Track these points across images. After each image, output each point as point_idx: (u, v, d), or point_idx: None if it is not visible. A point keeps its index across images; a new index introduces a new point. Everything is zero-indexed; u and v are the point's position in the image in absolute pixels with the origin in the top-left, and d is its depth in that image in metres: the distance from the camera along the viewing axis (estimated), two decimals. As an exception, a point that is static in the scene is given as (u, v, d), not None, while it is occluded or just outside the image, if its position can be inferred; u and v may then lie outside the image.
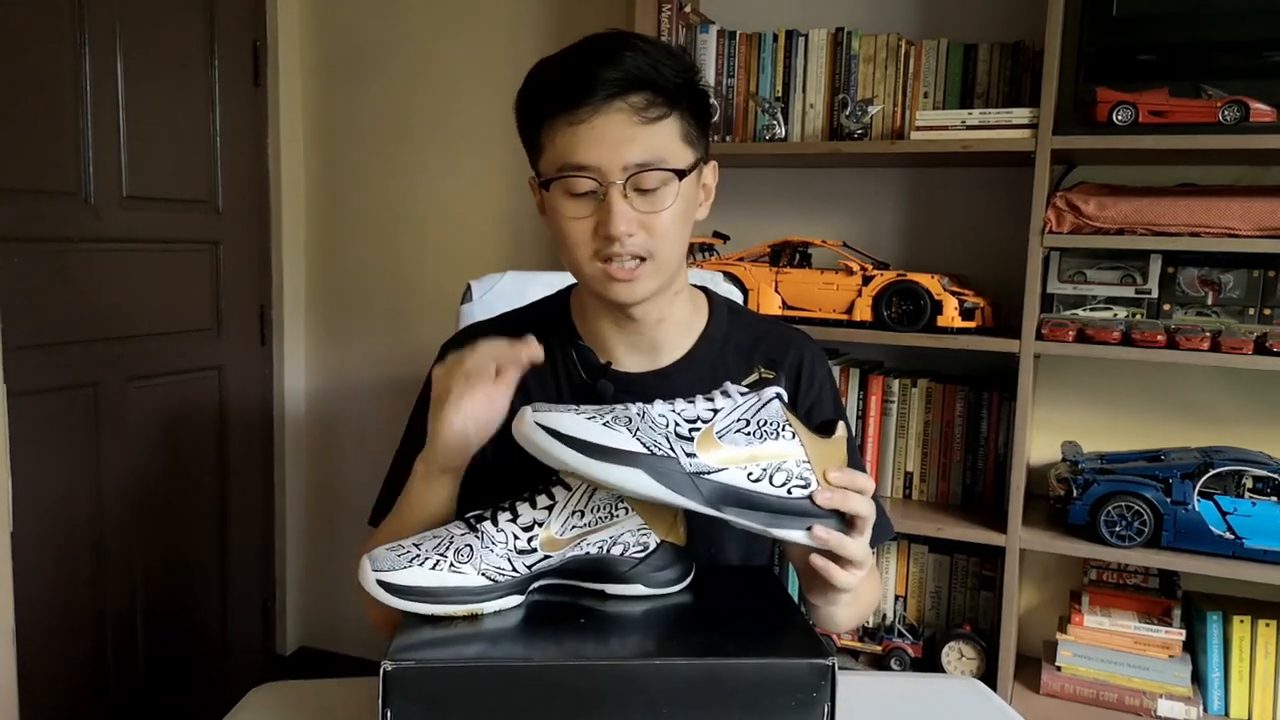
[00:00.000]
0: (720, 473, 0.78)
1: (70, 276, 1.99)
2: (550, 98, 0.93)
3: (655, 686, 0.72)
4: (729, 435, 0.79)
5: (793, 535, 0.82)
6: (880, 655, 1.90)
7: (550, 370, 1.05)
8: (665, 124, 0.93)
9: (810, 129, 1.95)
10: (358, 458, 2.61)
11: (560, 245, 0.97)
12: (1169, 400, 1.89)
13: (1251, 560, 1.61)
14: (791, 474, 0.81)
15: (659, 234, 0.94)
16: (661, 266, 0.96)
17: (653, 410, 0.79)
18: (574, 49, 0.95)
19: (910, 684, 1.13)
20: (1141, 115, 1.59)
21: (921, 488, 1.93)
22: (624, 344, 1.04)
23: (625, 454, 0.75)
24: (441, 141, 2.43)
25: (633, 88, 0.91)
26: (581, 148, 0.91)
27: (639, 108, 0.91)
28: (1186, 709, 1.69)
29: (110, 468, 2.10)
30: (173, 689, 2.29)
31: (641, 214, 0.93)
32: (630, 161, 0.91)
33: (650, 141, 0.92)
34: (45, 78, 1.91)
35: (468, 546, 0.81)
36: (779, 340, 1.10)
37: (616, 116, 0.91)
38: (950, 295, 1.74)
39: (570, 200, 0.94)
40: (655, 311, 1.01)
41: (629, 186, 0.91)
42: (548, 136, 0.94)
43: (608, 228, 0.91)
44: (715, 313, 1.09)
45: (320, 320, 2.63)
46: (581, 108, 0.90)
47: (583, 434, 0.75)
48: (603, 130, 0.90)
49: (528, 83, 0.97)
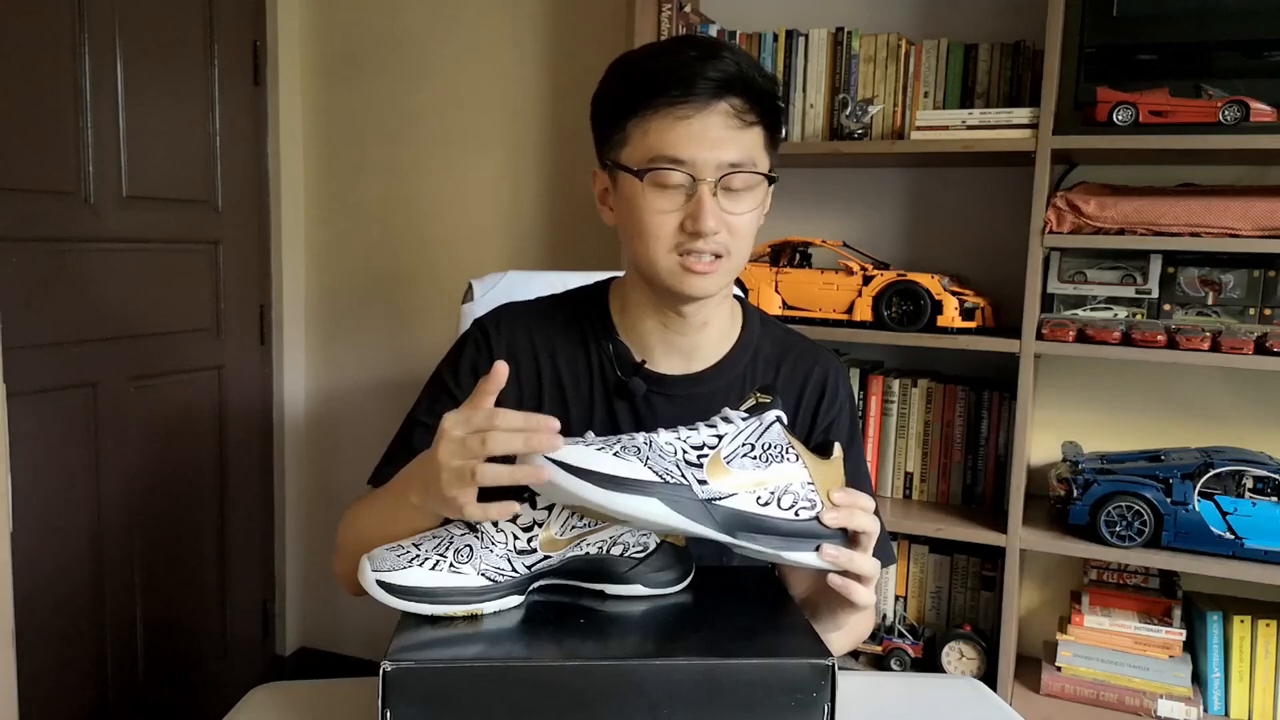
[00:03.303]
0: (731, 498, 0.78)
1: (70, 276, 1.99)
2: (651, 89, 0.93)
3: (655, 686, 0.72)
4: (736, 461, 0.80)
5: (804, 558, 0.82)
6: (880, 655, 1.90)
7: (584, 364, 1.06)
8: (755, 130, 0.96)
9: (810, 129, 1.95)
10: (357, 458, 2.61)
11: (633, 235, 0.98)
12: (1169, 400, 1.89)
13: (1251, 560, 1.61)
14: (798, 496, 0.81)
15: (738, 234, 0.96)
16: (735, 266, 0.99)
17: (659, 439, 0.79)
18: (670, 45, 0.97)
19: (910, 684, 1.13)
20: (1142, 115, 1.59)
21: (922, 488, 1.93)
22: (662, 344, 1.05)
23: (639, 484, 0.75)
24: (441, 141, 2.43)
25: (732, 90, 0.93)
26: (681, 142, 0.92)
27: (737, 110, 0.93)
28: (1186, 709, 1.69)
29: (110, 468, 2.10)
30: (172, 689, 2.29)
31: (726, 213, 0.95)
32: (725, 161, 0.93)
33: (743, 144, 0.94)
34: (45, 78, 1.91)
35: (467, 547, 0.81)
36: (806, 355, 1.11)
37: (717, 117, 0.93)
38: (950, 295, 1.74)
39: (658, 192, 0.94)
40: (703, 313, 1.03)
41: (719, 186, 0.93)
42: (639, 127, 0.95)
43: (698, 223, 0.93)
44: (749, 322, 1.10)
45: (320, 320, 2.63)
46: (686, 103, 0.92)
47: (594, 465, 0.75)
48: (702, 127, 0.92)
49: (620, 72, 0.98)
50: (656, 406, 1.04)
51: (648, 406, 1.04)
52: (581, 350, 1.06)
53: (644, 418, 1.04)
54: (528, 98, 2.30)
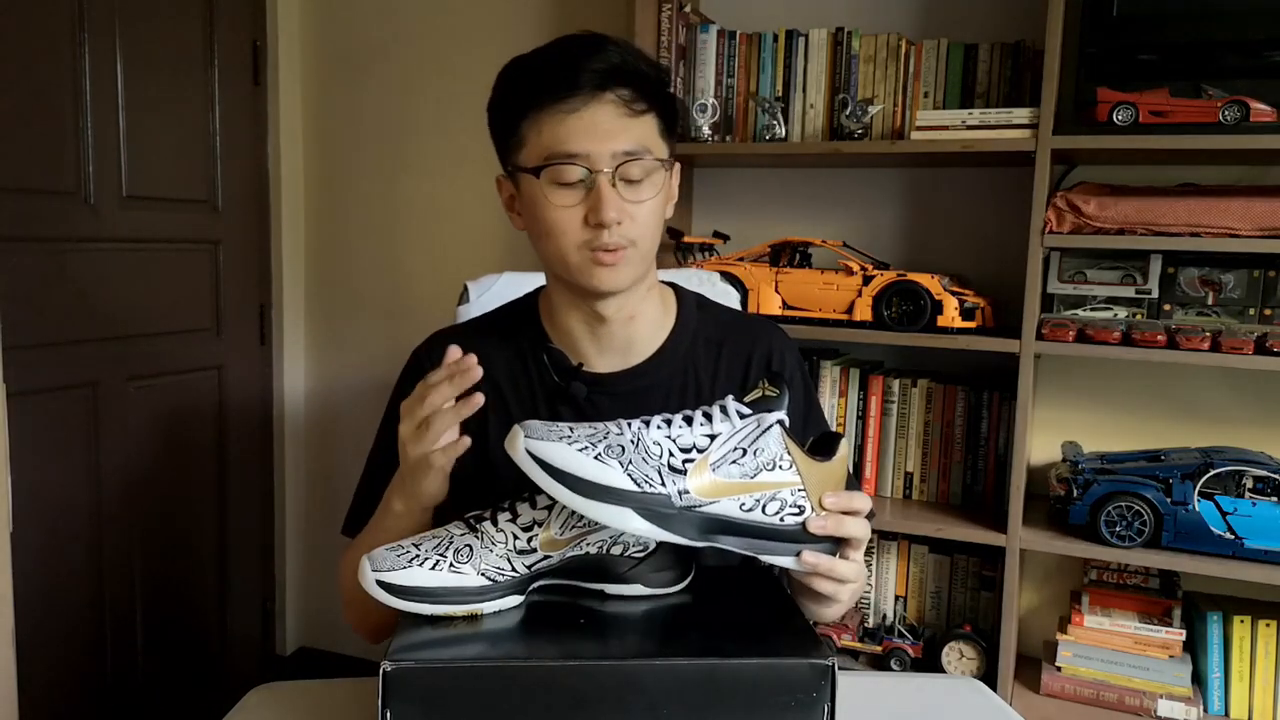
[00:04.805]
0: (712, 505, 0.77)
1: (70, 276, 1.99)
2: (537, 88, 0.94)
3: (655, 686, 0.72)
4: (724, 467, 0.77)
5: (782, 561, 0.81)
6: (880, 655, 1.90)
7: (523, 374, 1.05)
8: (647, 118, 0.96)
9: (810, 129, 1.95)
10: (357, 458, 2.58)
11: (541, 236, 0.97)
12: (1169, 400, 1.89)
13: (1251, 560, 1.61)
14: (786, 502, 0.79)
15: (642, 223, 0.96)
16: (643, 255, 0.98)
17: (647, 437, 0.77)
18: (552, 45, 0.97)
19: (910, 684, 1.13)
20: (1142, 115, 1.59)
21: (922, 488, 1.93)
22: (595, 344, 1.04)
23: (615, 492, 0.74)
24: (441, 141, 2.43)
25: (617, 80, 0.93)
26: (572, 136, 0.92)
27: (626, 100, 0.94)
28: (1186, 709, 1.69)
29: (110, 467, 2.10)
30: (172, 689, 2.29)
31: (627, 203, 0.94)
32: (619, 150, 0.93)
33: (636, 133, 0.94)
34: (45, 78, 1.91)
35: (467, 546, 0.81)
36: (747, 332, 1.11)
37: (606, 107, 0.93)
38: (950, 295, 1.74)
39: (557, 189, 0.94)
40: (627, 308, 1.02)
41: (616, 176, 0.93)
42: (531, 128, 0.95)
43: (599, 214, 0.92)
44: (684, 307, 1.09)
45: (320, 320, 2.63)
46: (572, 97, 0.92)
47: (573, 469, 0.74)
48: (592, 119, 0.92)
49: (507, 76, 0.98)
50: (601, 406, 1.03)
51: (592, 408, 1.03)
52: (519, 362, 1.06)
53: (591, 420, 1.04)
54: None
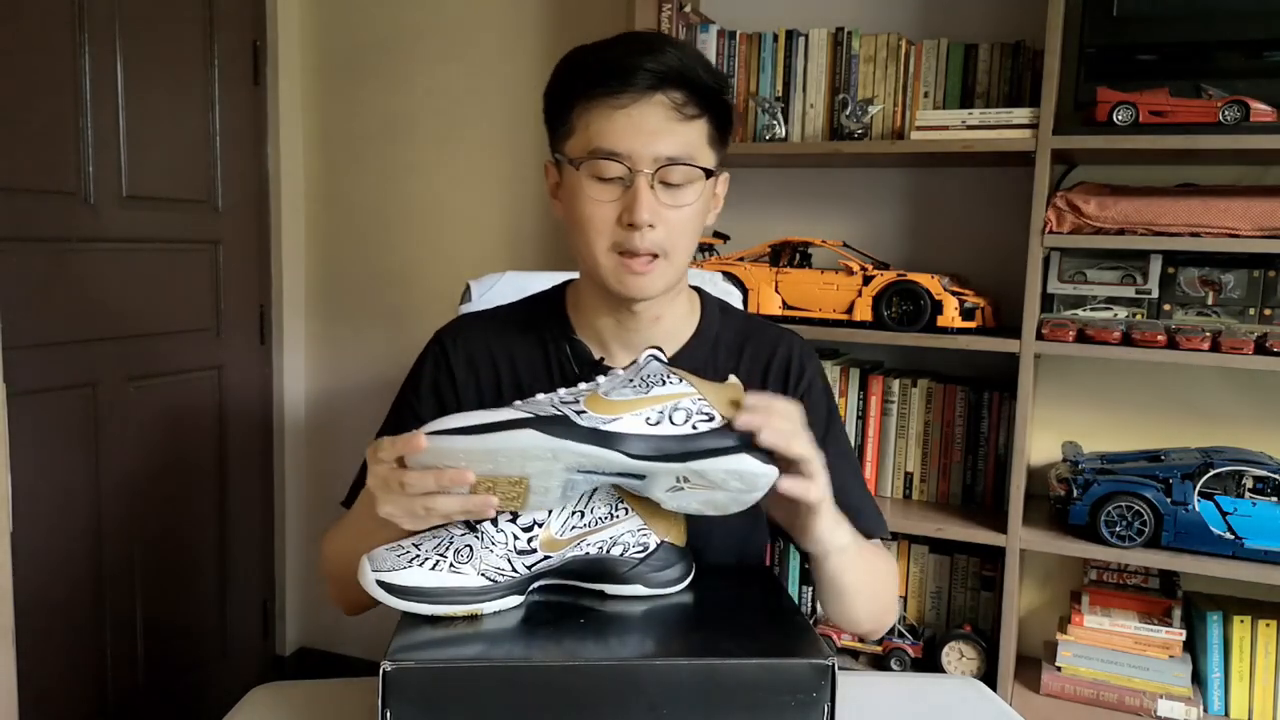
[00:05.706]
0: (615, 421, 0.77)
1: (70, 276, 1.99)
2: (592, 80, 0.94)
3: (655, 686, 0.72)
4: (616, 392, 0.79)
5: (734, 464, 0.76)
6: (880, 655, 1.90)
7: (543, 365, 1.06)
8: (697, 124, 0.96)
9: (810, 129, 1.95)
10: (357, 458, 2.59)
11: (574, 230, 0.98)
12: (1169, 400, 1.89)
13: (1251, 560, 1.61)
14: (690, 411, 0.78)
15: (676, 230, 0.96)
16: (674, 265, 0.98)
17: (536, 398, 0.80)
18: (615, 40, 0.97)
19: (910, 684, 1.13)
20: (1142, 115, 1.59)
21: (922, 488, 1.93)
22: (619, 340, 1.05)
23: (511, 422, 0.75)
24: (441, 141, 2.43)
25: (671, 83, 0.93)
26: (617, 133, 0.93)
27: (677, 103, 0.93)
28: (1186, 709, 1.69)
29: (110, 468, 2.10)
30: (172, 689, 2.29)
31: (664, 207, 0.94)
32: (662, 154, 0.93)
33: (683, 138, 0.94)
34: (45, 78, 1.91)
35: (467, 547, 0.81)
36: (767, 338, 1.11)
37: (655, 109, 0.93)
38: (950, 295, 1.74)
39: (596, 184, 0.95)
40: (655, 309, 1.02)
41: (656, 178, 0.93)
42: (581, 119, 0.95)
43: (632, 214, 0.93)
44: (707, 312, 1.10)
45: (320, 320, 2.63)
46: (623, 94, 0.92)
47: (466, 421, 0.76)
48: (640, 119, 0.92)
49: (566, 64, 0.98)
50: None
51: None
52: (540, 351, 1.06)
53: None
54: (527, 98, 2.30)
